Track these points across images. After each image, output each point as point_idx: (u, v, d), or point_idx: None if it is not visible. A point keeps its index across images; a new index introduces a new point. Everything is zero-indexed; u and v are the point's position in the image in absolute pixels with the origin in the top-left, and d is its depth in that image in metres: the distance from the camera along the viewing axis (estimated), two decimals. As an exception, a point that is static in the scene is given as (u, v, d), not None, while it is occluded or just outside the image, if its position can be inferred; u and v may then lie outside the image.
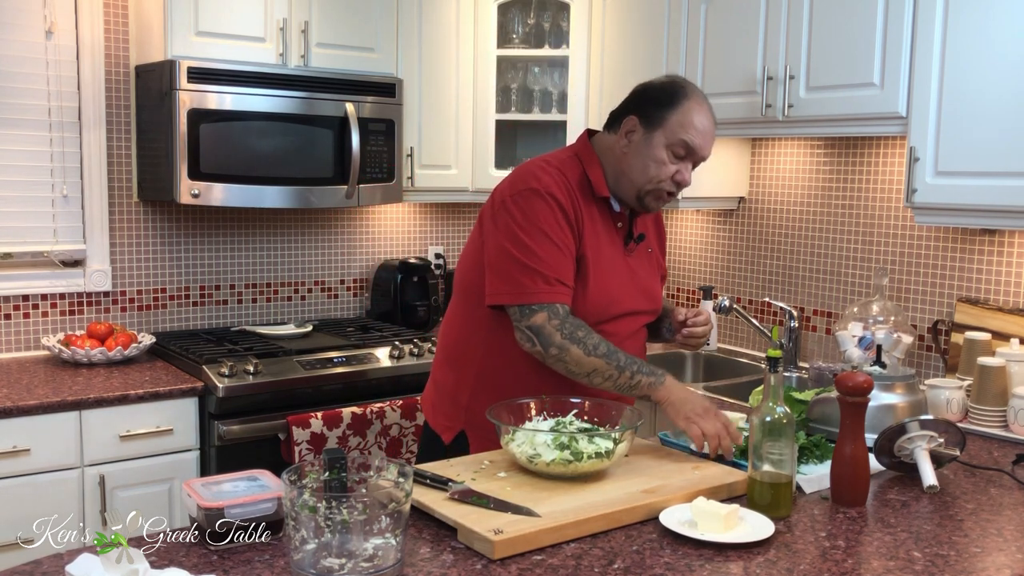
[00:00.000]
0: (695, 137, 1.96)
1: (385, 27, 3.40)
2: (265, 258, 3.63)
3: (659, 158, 1.96)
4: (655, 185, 1.98)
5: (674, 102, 1.97)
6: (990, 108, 2.32)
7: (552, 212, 1.92)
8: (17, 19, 3.07)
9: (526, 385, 1.98)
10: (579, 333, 1.89)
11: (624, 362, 1.90)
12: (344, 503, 1.33)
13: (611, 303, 2.02)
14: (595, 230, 2.00)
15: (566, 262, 1.92)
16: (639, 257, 2.12)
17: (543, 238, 1.90)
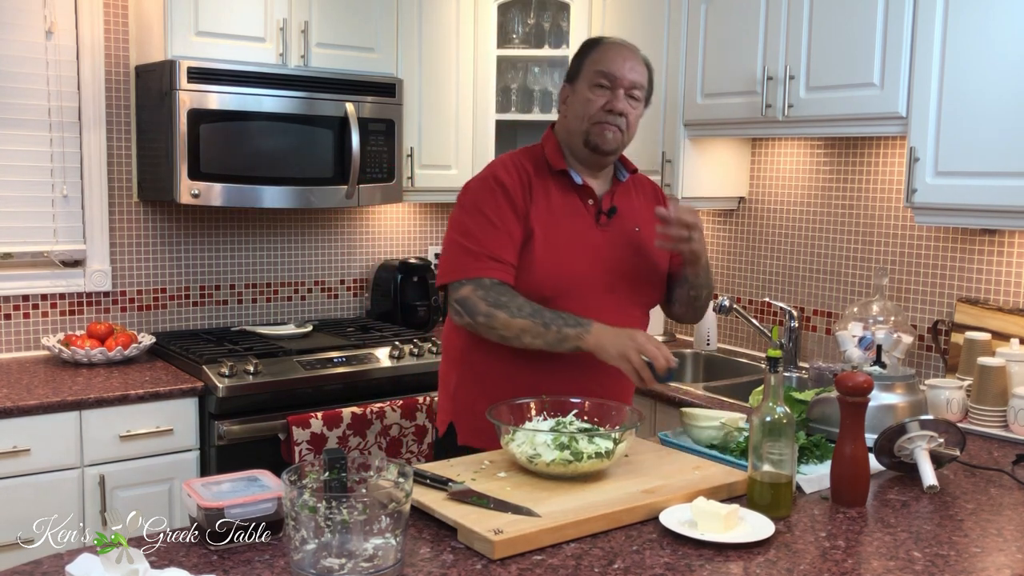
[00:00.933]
0: (609, 64, 2.05)
1: (385, 27, 3.40)
2: (265, 258, 3.63)
3: (585, 98, 2.07)
4: (590, 122, 2.06)
5: (586, 51, 2.11)
6: (990, 108, 2.32)
7: (492, 194, 2.03)
8: (17, 19, 3.07)
9: (507, 373, 2.05)
10: (503, 299, 1.97)
11: (549, 318, 1.95)
12: (344, 503, 1.33)
13: (564, 275, 2.03)
14: (549, 206, 2.06)
15: (500, 239, 2.00)
16: (618, 234, 2.12)
17: (480, 218, 2.02)
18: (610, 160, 2.14)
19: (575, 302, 2.01)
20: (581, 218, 2.09)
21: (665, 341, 3.58)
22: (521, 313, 1.95)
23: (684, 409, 2.04)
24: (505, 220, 2.02)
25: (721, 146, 3.30)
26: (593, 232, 2.10)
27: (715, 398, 2.76)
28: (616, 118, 2.05)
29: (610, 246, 2.10)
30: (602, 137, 2.06)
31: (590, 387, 2.02)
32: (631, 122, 2.08)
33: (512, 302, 1.96)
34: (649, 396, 2.86)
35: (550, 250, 2.04)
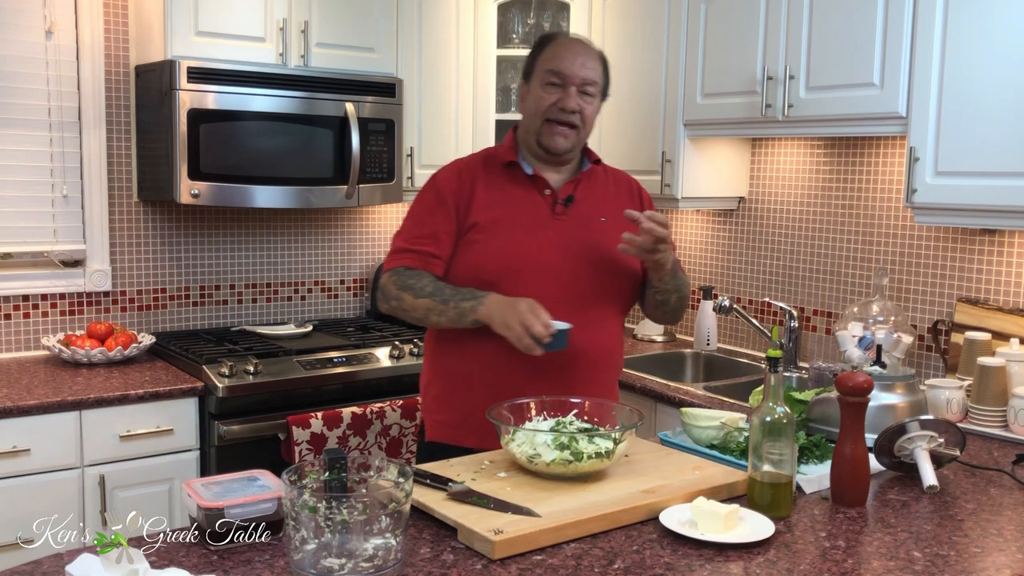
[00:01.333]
0: (559, 62, 2.07)
1: (385, 27, 3.40)
2: (265, 258, 3.63)
3: (538, 96, 2.10)
4: (541, 119, 2.09)
5: (539, 49, 2.14)
6: (990, 108, 2.32)
7: (427, 193, 2.14)
8: (17, 19, 3.07)
9: (469, 370, 2.09)
10: (410, 281, 2.05)
11: (449, 294, 2.01)
12: (344, 503, 1.33)
13: (508, 260, 2.05)
14: (497, 197, 2.10)
15: (424, 233, 2.09)
16: (577, 223, 2.12)
17: (412, 217, 2.14)
18: (568, 157, 2.15)
19: (521, 287, 2.02)
20: (535, 207, 2.11)
21: (665, 341, 3.58)
22: (423, 292, 2.03)
23: (684, 409, 2.04)
24: (433, 216, 2.10)
25: (721, 146, 3.30)
26: (548, 221, 2.11)
27: (715, 398, 2.76)
28: (568, 115, 2.07)
29: (567, 235, 2.10)
30: (552, 140, 2.09)
31: (553, 384, 2.02)
32: (586, 118, 2.10)
33: (417, 283, 2.04)
34: (649, 396, 2.86)
35: (494, 237, 2.07)
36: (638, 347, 3.50)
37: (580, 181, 2.17)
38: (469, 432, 2.09)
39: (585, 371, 2.08)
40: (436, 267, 2.09)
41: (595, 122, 2.17)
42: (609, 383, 2.21)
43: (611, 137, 3.49)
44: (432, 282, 2.05)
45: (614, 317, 2.18)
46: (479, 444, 2.04)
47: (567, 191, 2.14)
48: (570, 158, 2.16)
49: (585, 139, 2.16)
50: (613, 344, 2.18)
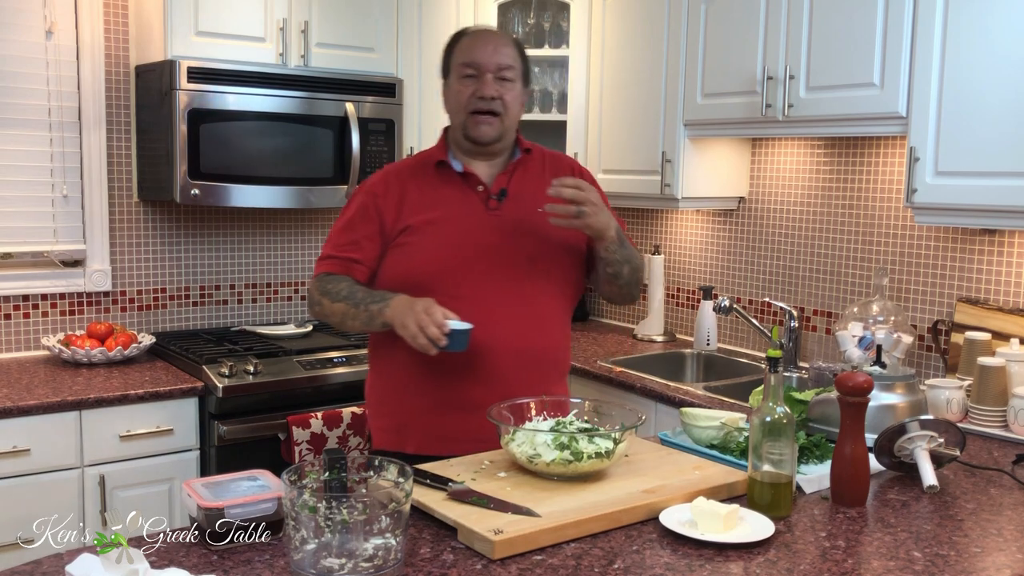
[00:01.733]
0: (471, 53, 2.06)
1: (385, 27, 3.40)
2: (265, 258, 3.63)
3: (456, 90, 2.09)
4: (463, 112, 2.07)
5: (451, 46, 2.13)
6: (990, 108, 2.32)
7: (353, 200, 2.14)
8: (17, 19, 3.08)
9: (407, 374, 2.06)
10: (328, 287, 2.06)
11: (360, 297, 2.00)
12: (344, 503, 1.33)
13: (439, 260, 2.02)
14: (429, 198, 2.08)
15: (346, 239, 2.09)
16: (513, 216, 2.08)
17: (336, 225, 2.14)
18: (498, 148, 2.11)
19: (455, 287, 2.00)
20: (468, 205, 2.08)
21: (665, 341, 3.58)
22: (339, 297, 2.03)
23: (684, 409, 2.04)
24: (357, 223, 2.09)
25: (721, 146, 3.30)
26: (482, 217, 2.07)
27: (715, 398, 2.76)
28: (488, 103, 2.04)
29: (502, 229, 2.07)
30: (477, 129, 2.06)
31: (494, 386, 1.99)
32: (507, 103, 2.06)
33: (335, 288, 2.04)
34: (649, 396, 2.86)
35: (426, 239, 2.04)
36: (638, 347, 3.50)
37: (513, 172, 2.12)
38: (408, 438, 2.06)
39: (528, 371, 2.04)
40: (357, 272, 2.08)
41: (521, 108, 2.13)
42: (553, 381, 2.13)
43: (611, 137, 3.49)
44: (349, 286, 2.04)
45: (558, 312, 2.13)
46: (417, 450, 2.02)
47: (500, 184, 2.10)
48: (501, 148, 2.12)
49: (512, 125, 2.10)
50: (556, 341, 2.13)
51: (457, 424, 2.02)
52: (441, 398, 2.03)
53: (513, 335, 2.02)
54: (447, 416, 2.03)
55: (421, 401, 2.04)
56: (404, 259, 2.05)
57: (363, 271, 2.08)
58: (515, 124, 2.12)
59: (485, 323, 1.97)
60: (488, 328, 1.98)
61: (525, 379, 2.03)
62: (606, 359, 3.23)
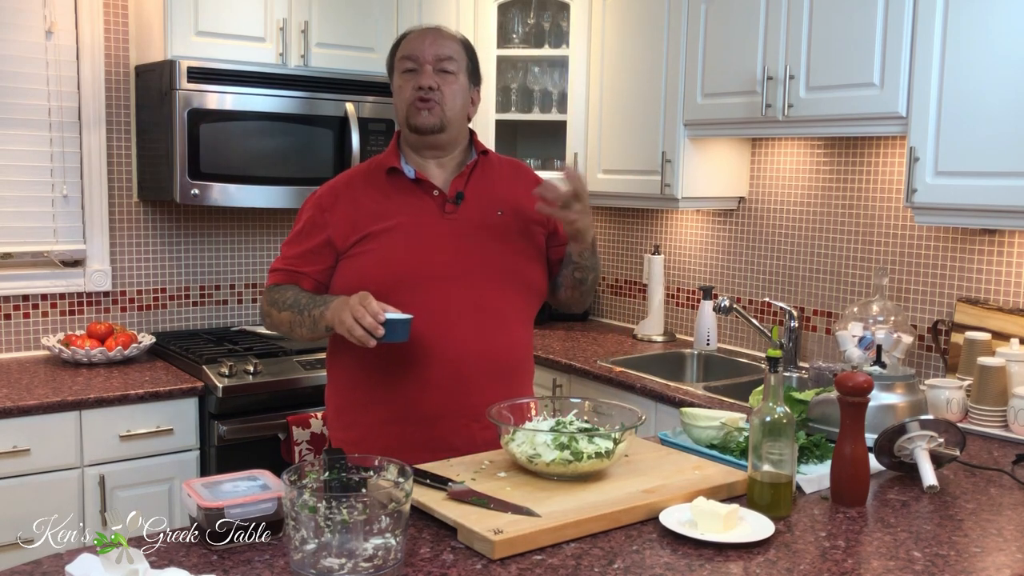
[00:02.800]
0: (409, 48, 2.05)
1: (385, 27, 3.40)
2: (265, 258, 3.63)
3: (398, 85, 2.07)
4: (405, 106, 2.04)
5: (393, 49, 2.12)
6: (990, 108, 2.32)
7: (302, 214, 2.10)
8: (17, 19, 3.08)
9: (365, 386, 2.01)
10: (275, 296, 2.04)
11: (304, 303, 1.97)
12: (344, 503, 1.33)
13: (394, 268, 1.97)
14: (378, 208, 2.02)
15: (294, 252, 2.07)
16: (470, 220, 2.03)
17: (287, 239, 2.11)
18: (443, 140, 2.05)
19: (410, 295, 1.93)
20: (423, 211, 2.03)
21: (665, 341, 3.58)
22: (284, 306, 2.01)
23: (684, 409, 2.04)
24: (304, 236, 2.06)
25: (721, 146, 3.30)
26: (438, 222, 2.02)
27: (715, 398, 2.76)
28: (427, 92, 2.00)
29: (459, 233, 2.02)
30: (418, 116, 2.01)
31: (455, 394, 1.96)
32: (447, 94, 2.01)
33: (280, 298, 2.02)
34: (649, 396, 2.86)
35: (380, 247, 1.99)
36: (638, 347, 3.50)
37: (469, 175, 2.07)
38: (370, 449, 1.96)
39: (489, 377, 1.99)
40: (304, 282, 2.05)
41: (467, 103, 2.08)
42: (518, 386, 2.06)
43: (611, 137, 3.49)
44: (295, 295, 2.01)
45: (519, 317, 2.08)
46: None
47: (456, 188, 2.05)
48: (446, 141, 2.05)
49: (456, 118, 2.04)
50: (518, 346, 2.07)
51: (418, 434, 1.97)
52: (400, 409, 1.98)
53: (472, 341, 1.97)
54: (407, 427, 1.98)
55: (379, 413, 2.00)
56: (357, 269, 2.00)
57: (309, 282, 2.05)
58: (460, 117, 2.05)
59: (443, 330, 1.94)
60: (447, 335, 1.95)
61: (487, 385, 1.97)
62: (606, 359, 3.23)
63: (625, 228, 3.95)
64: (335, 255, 2.04)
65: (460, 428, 1.97)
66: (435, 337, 1.94)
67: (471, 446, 1.96)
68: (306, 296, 1.99)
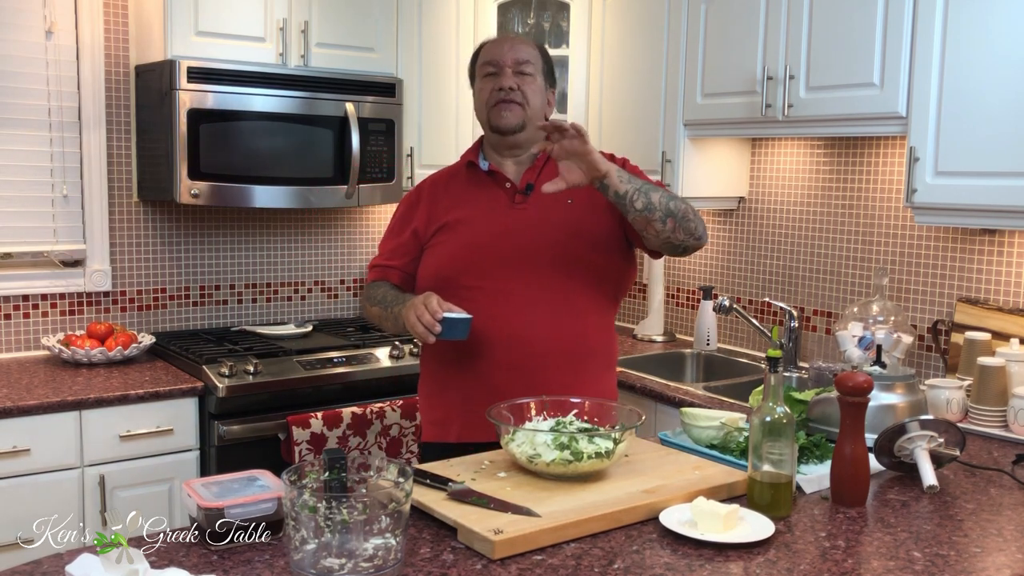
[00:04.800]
0: (489, 54, 2.17)
1: (385, 27, 3.40)
2: (265, 258, 3.63)
3: (479, 88, 2.20)
4: (487, 108, 2.16)
5: (474, 57, 2.25)
6: (990, 108, 2.32)
7: (397, 210, 2.29)
8: (17, 19, 3.07)
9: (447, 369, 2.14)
10: (372, 292, 2.21)
11: (390, 300, 2.12)
12: (344, 503, 1.33)
13: (464, 255, 2.10)
14: (460, 198, 2.17)
15: (387, 247, 2.25)
16: (540, 210, 2.11)
17: (384, 235, 2.30)
18: (522, 139, 2.15)
19: (479, 282, 2.07)
20: (494, 201, 2.15)
21: (665, 341, 3.58)
22: (375, 301, 2.17)
23: (684, 409, 2.04)
24: (395, 230, 2.25)
25: (721, 146, 3.30)
26: (508, 212, 2.13)
27: (715, 398, 2.76)
28: (508, 93, 2.12)
29: (528, 223, 2.11)
30: (499, 116, 2.13)
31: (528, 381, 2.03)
32: (527, 94, 2.13)
33: (374, 294, 2.19)
34: (649, 396, 2.86)
35: (453, 237, 2.14)
36: (638, 347, 3.50)
37: (542, 168, 2.16)
38: (450, 428, 2.15)
39: (561, 360, 2.07)
40: (392, 276, 2.22)
41: (545, 103, 2.19)
42: (596, 376, 2.13)
43: (611, 137, 3.49)
44: (384, 291, 2.17)
45: (593, 302, 2.12)
46: (459, 439, 2.10)
47: (527, 179, 2.15)
48: (525, 140, 2.16)
49: (535, 117, 2.14)
50: (591, 331, 2.12)
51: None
52: (473, 388, 2.09)
53: (538, 325, 2.06)
54: (480, 405, 2.03)
55: (460, 393, 2.12)
56: (435, 257, 2.15)
57: (397, 275, 2.22)
58: (539, 117, 2.16)
59: (510, 313, 2.06)
60: (513, 318, 2.06)
61: (555, 368, 2.07)
62: (606, 359, 3.23)
63: (625, 228, 3.95)
64: (419, 246, 2.20)
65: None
66: (502, 320, 2.05)
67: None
68: (393, 293, 2.15)
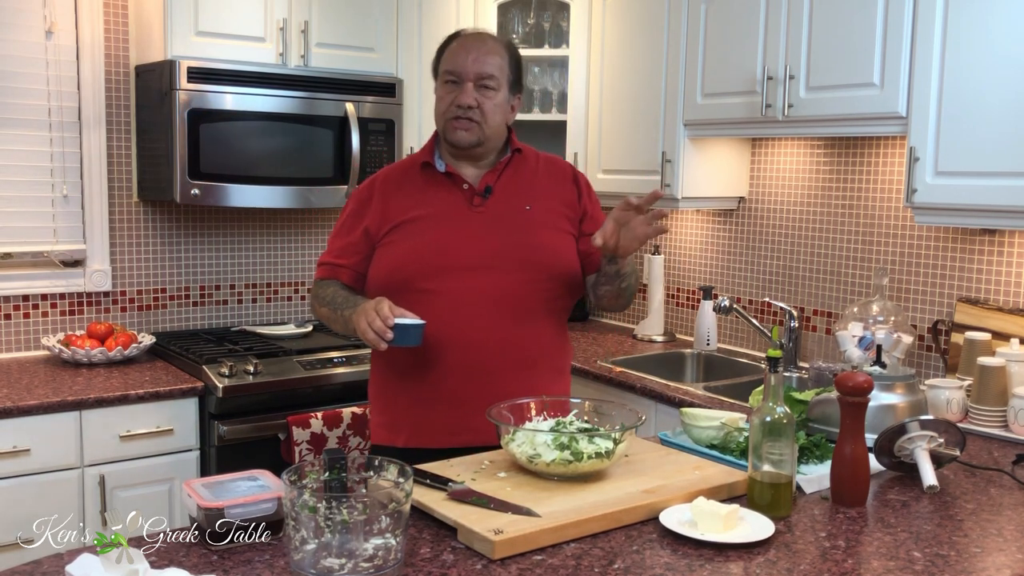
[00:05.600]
0: (452, 62, 2.08)
1: (385, 27, 3.40)
2: (265, 258, 3.63)
3: (439, 96, 2.13)
4: (444, 119, 2.10)
5: (441, 51, 2.15)
6: (990, 108, 2.32)
7: (346, 207, 2.22)
8: (17, 19, 3.08)
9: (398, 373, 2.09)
10: (319, 291, 2.17)
11: (339, 302, 2.08)
12: (344, 503, 1.33)
13: (418, 259, 2.05)
14: (410, 200, 2.11)
15: (335, 245, 2.19)
16: (498, 214, 2.08)
17: (332, 232, 2.24)
18: (479, 152, 2.11)
19: (433, 280, 2.03)
20: (452, 203, 2.10)
21: (665, 341, 3.58)
22: (324, 302, 2.13)
23: (684, 409, 2.04)
24: (345, 229, 2.18)
25: (721, 146, 3.30)
26: (465, 214, 2.09)
27: (715, 398, 2.76)
28: (465, 111, 2.05)
29: (485, 226, 2.07)
30: (455, 135, 2.08)
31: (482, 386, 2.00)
32: (485, 111, 2.06)
33: (323, 294, 2.15)
34: (649, 396, 2.86)
35: (407, 237, 2.08)
36: (638, 347, 3.50)
37: (502, 172, 2.13)
38: (399, 432, 2.10)
39: (513, 365, 2.04)
40: (343, 275, 2.16)
41: (505, 113, 2.12)
42: (550, 381, 2.11)
43: (611, 137, 3.49)
44: (334, 292, 2.13)
45: (546, 309, 2.10)
46: (407, 443, 2.07)
47: (486, 182, 2.11)
48: (483, 152, 2.12)
49: (494, 132, 2.10)
50: (543, 336, 2.11)
51: (441, 417, 2.05)
52: (424, 392, 2.06)
53: (493, 329, 2.02)
54: (433, 410, 2.06)
55: (410, 397, 2.08)
56: (387, 258, 2.09)
57: (348, 274, 2.16)
58: (498, 130, 2.11)
59: (465, 317, 2.01)
60: (468, 322, 2.02)
61: (509, 373, 2.04)
62: (606, 359, 3.23)
63: (625, 228, 3.95)
64: (371, 244, 2.13)
65: (481, 412, 1.99)
66: (457, 324, 2.01)
67: (492, 429, 1.98)
68: (343, 295, 2.11)
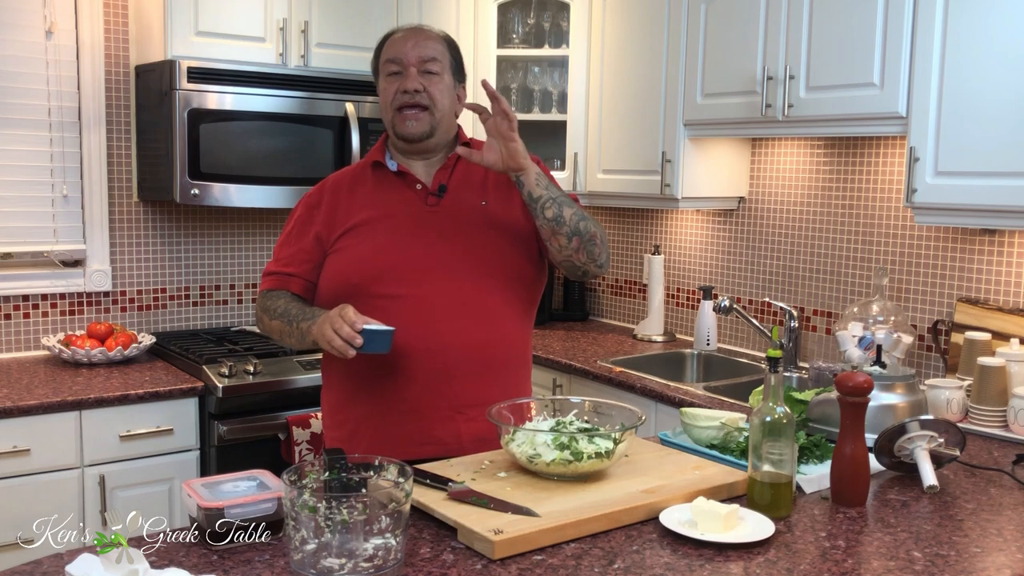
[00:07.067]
0: (392, 51, 2.04)
1: (385, 27, 3.37)
2: (265, 258, 3.63)
3: (383, 89, 2.06)
4: (392, 110, 2.03)
5: (378, 49, 2.11)
6: (990, 108, 2.32)
7: (293, 214, 2.13)
8: (17, 19, 3.08)
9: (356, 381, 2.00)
10: (267, 303, 2.05)
11: (294, 315, 1.97)
12: (344, 503, 1.33)
13: (373, 262, 1.97)
14: (362, 203, 2.04)
15: (283, 254, 2.08)
16: (454, 212, 2.02)
17: (279, 240, 2.13)
18: (431, 144, 2.05)
19: (390, 285, 1.95)
20: (405, 204, 2.03)
21: (665, 341, 3.58)
22: (275, 315, 2.01)
23: (684, 409, 2.04)
24: (293, 236, 2.08)
25: (721, 146, 3.30)
26: (420, 215, 2.01)
27: (715, 398, 2.76)
28: (413, 96, 1.99)
29: (442, 226, 2.00)
30: (405, 126, 2.01)
31: (444, 391, 1.94)
32: (433, 96, 2.01)
33: (272, 306, 2.03)
34: (649, 396, 2.86)
35: (361, 241, 2.00)
36: (638, 347, 3.50)
37: (453, 168, 2.06)
38: (357, 444, 1.99)
39: (475, 371, 1.96)
40: (293, 285, 2.05)
41: (455, 102, 2.08)
42: (512, 384, 2.04)
43: (611, 137, 3.49)
44: (286, 303, 2.01)
45: (509, 310, 2.02)
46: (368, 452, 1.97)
47: (439, 180, 2.04)
48: (435, 144, 2.05)
49: (444, 120, 2.04)
50: (507, 339, 2.02)
51: (402, 427, 1.96)
52: (384, 402, 1.96)
53: (455, 333, 1.94)
54: (391, 420, 1.97)
55: (365, 408, 1.99)
56: (341, 263, 2.01)
57: (299, 283, 2.05)
58: (448, 117, 2.05)
59: (425, 322, 1.93)
60: (428, 327, 1.93)
61: (472, 378, 1.96)
62: (606, 359, 3.23)
63: (625, 228, 3.95)
64: (323, 252, 2.04)
65: (444, 420, 1.95)
66: (417, 330, 1.92)
67: (456, 439, 1.96)
68: (296, 306, 1.99)
